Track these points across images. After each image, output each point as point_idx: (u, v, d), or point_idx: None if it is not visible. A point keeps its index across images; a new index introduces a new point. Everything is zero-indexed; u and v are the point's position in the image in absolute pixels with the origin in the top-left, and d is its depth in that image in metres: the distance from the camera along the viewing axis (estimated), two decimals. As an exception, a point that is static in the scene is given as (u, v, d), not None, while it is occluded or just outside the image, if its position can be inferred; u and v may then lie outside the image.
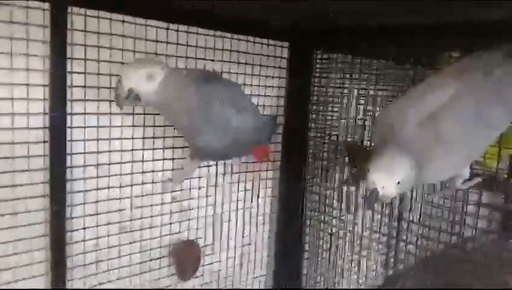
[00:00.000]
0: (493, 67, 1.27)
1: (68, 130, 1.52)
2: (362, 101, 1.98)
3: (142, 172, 1.74)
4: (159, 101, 1.37)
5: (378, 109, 1.92)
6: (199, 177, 1.92)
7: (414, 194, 2.00)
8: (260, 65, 2.00)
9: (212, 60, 1.83)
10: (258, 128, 1.69)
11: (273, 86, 2.07)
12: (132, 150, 1.70)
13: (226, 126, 1.53)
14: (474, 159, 1.44)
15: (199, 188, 1.93)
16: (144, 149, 1.73)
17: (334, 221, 2.09)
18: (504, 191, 1.68)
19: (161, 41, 1.66)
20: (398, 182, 1.26)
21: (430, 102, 1.29)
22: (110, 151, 1.64)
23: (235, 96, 1.58)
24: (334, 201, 2.09)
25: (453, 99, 1.27)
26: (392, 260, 2.33)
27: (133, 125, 1.68)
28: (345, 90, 2.05)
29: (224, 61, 1.87)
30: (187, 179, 1.87)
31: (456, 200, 1.76)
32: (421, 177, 1.34)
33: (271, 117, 1.90)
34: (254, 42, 1.95)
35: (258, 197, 2.13)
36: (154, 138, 1.74)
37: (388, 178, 1.26)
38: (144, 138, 1.72)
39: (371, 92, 1.95)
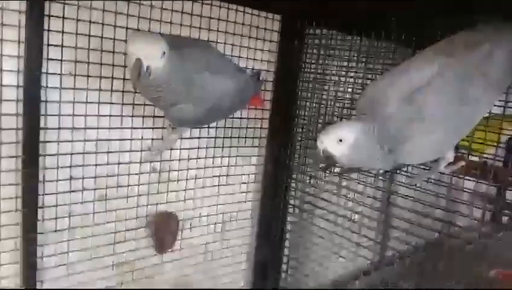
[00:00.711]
0: (480, 43, 1.23)
1: (43, 90, 1.48)
2: (351, 80, 1.94)
3: (120, 139, 1.70)
4: (163, 77, 1.31)
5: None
6: (180, 149, 1.88)
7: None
8: (249, 37, 1.94)
9: (199, 28, 1.78)
10: (240, 90, 1.61)
11: (262, 60, 2.02)
12: (110, 115, 1.65)
13: (202, 93, 1.46)
14: (457, 140, 1.40)
15: (179, 160, 1.89)
16: (122, 116, 1.68)
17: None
18: (495, 180, 1.63)
19: (144, 5, 1.61)
20: (340, 140, 1.30)
21: (414, 79, 1.27)
22: (86, 115, 1.59)
23: (210, 59, 1.50)
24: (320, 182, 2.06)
25: (436, 76, 1.24)
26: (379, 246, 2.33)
27: (112, 90, 1.62)
28: (335, 68, 2.01)
29: (212, 30, 1.81)
30: (167, 150, 1.83)
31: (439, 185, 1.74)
32: (401, 155, 1.32)
33: (253, 73, 1.80)
34: (244, 12, 1.89)
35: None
36: (133, 104, 1.69)
37: (331, 138, 1.32)
38: (123, 104, 1.67)
39: (360, 72, 1.91)
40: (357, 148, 1.31)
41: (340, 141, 1.32)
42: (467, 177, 1.60)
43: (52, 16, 1.44)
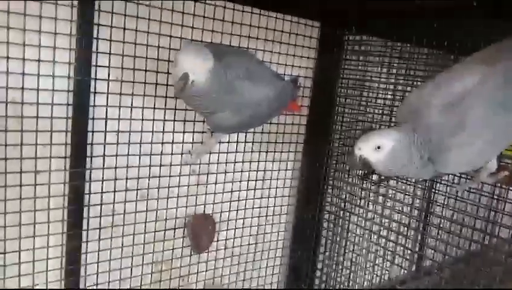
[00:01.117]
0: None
1: (91, 95, 1.55)
2: (391, 87, 1.92)
3: (162, 142, 1.75)
4: (205, 89, 1.35)
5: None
6: (219, 153, 1.92)
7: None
8: (288, 44, 1.96)
9: (239, 36, 1.81)
10: (278, 96, 1.62)
11: (300, 66, 2.04)
12: (153, 120, 1.71)
13: (242, 100, 1.49)
14: (500, 150, 1.37)
15: (218, 163, 1.93)
16: (165, 120, 1.74)
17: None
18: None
19: (187, 13, 1.65)
20: (378, 147, 1.29)
21: (456, 87, 1.25)
22: (131, 119, 1.66)
23: (250, 67, 1.52)
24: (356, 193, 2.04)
25: (479, 84, 1.21)
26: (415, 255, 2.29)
27: (155, 95, 1.68)
28: (375, 75, 1.99)
29: (251, 37, 1.84)
30: (207, 153, 1.87)
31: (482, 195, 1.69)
32: (442, 165, 1.30)
33: (290, 79, 1.79)
34: (283, 19, 1.91)
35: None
36: (175, 109, 1.74)
37: (369, 145, 1.31)
38: (165, 108, 1.72)
39: (401, 79, 1.89)
40: (394, 156, 1.30)
41: (378, 148, 1.31)
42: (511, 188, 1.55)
43: (101, 24, 1.52)
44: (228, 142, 1.93)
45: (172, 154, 1.79)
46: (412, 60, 1.94)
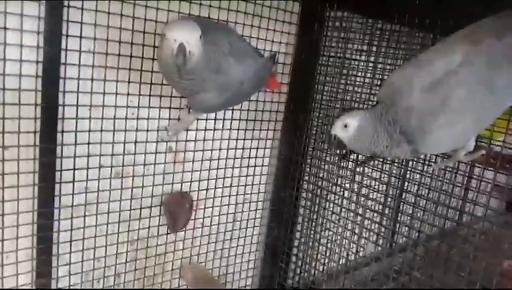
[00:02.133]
0: (508, 29, 1.18)
1: (62, 67, 1.47)
2: (371, 65, 1.90)
3: (137, 118, 1.70)
4: (199, 63, 1.31)
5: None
6: (197, 130, 1.88)
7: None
8: (268, 18, 1.91)
9: (219, 8, 1.76)
10: (259, 74, 1.60)
11: (280, 42, 2.00)
12: (128, 94, 1.65)
13: (226, 79, 1.45)
14: (481, 129, 1.37)
15: (196, 141, 1.89)
16: (140, 95, 1.67)
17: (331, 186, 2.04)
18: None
19: None
20: (345, 126, 1.37)
21: (438, 67, 1.24)
22: (104, 93, 1.59)
23: (232, 43, 1.47)
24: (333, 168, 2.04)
25: (461, 64, 1.20)
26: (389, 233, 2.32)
27: (130, 69, 1.61)
28: (355, 52, 1.97)
29: (232, 10, 1.79)
30: (184, 130, 1.83)
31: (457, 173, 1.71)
32: (422, 146, 1.31)
33: (270, 56, 1.75)
34: None
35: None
36: (151, 83, 1.68)
37: (339, 124, 1.39)
38: (140, 82, 1.66)
39: (381, 57, 1.88)
40: (359, 134, 1.36)
41: (345, 126, 1.38)
42: (488, 168, 1.56)
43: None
44: (206, 119, 1.89)
45: (148, 130, 1.73)
46: (393, 39, 1.92)
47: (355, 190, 1.88)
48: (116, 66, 1.58)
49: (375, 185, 1.93)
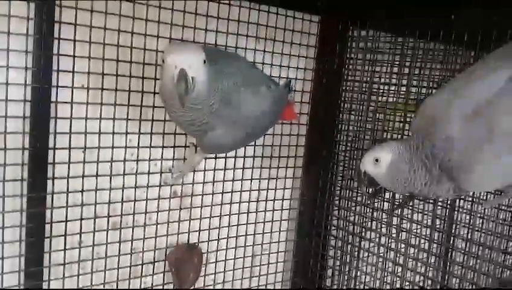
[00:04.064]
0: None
1: (52, 105, 1.53)
2: (404, 89, 1.92)
3: (137, 160, 1.73)
4: (205, 92, 1.33)
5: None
6: (205, 171, 1.90)
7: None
8: (283, 42, 1.97)
9: (226, 34, 1.81)
10: (276, 105, 1.62)
11: (297, 67, 2.04)
12: (126, 133, 1.68)
13: (240, 115, 1.47)
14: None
15: (204, 183, 1.90)
16: (140, 133, 1.71)
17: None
18: None
19: (164, 8, 1.64)
20: (376, 160, 1.41)
21: (479, 91, 1.26)
22: (100, 133, 1.63)
23: (246, 73, 1.51)
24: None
25: (506, 86, 1.22)
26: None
27: (128, 104, 1.66)
28: (384, 75, 2.00)
29: (240, 34, 1.84)
30: (191, 172, 1.85)
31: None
32: (466, 183, 1.31)
33: (285, 83, 1.80)
34: (277, 14, 1.92)
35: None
36: (152, 120, 1.71)
37: (369, 159, 1.42)
38: (140, 119, 1.70)
39: (415, 80, 1.90)
40: (393, 169, 1.38)
41: (377, 161, 1.41)
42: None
43: (63, 22, 1.49)
44: (215, 157, 1.91)
45: (149, 173, 1.76)
46: (426, 58, 1.94)
47: (393, 235, 1.86)
48: (113, 102, 1.63)
49: (416, 229, 1.90)
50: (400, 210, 1.86)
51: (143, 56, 1.64)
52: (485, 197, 1.80)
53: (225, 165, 1.94)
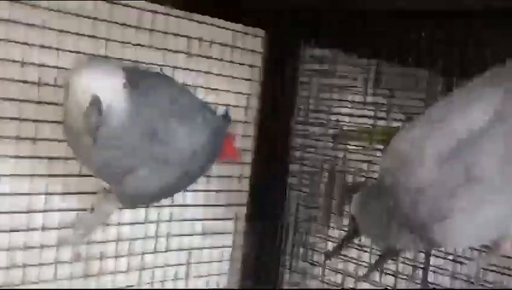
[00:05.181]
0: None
1: None
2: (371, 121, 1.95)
3: (28, 211, 1.59)
4: (125, 123, 1.27)
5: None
6: (119, 225, 1.79)
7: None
8: (221, 60, 1.94)
9: (149, 47, 1.76)
10: (213, 140, 1.59)
11: (239, 92, 2.02)
12: (13, 174, 1.56)
13: (168, 150, 1.43)
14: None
15: (118, 242, 1.79)
16: (32, 175, 1.59)
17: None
18: None
19: (72, 14, 1.57)
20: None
21: (459, 127, 1.26)
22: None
23: (175, 98, 1.48)
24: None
25: (492, 122, 1.23)
26: None
27: (18, 138, 1.53)
28: (345, 104, 2.03)
29: (169, 50, 1.80)
30: (100, 226, 1.70)
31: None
32: (441, 235, 1.30)
33: (222, 112, 1.77)
34: (213, 25, 1.89)
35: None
36: (49, 157, 1.60)
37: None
38: (32, 156, 1.57)
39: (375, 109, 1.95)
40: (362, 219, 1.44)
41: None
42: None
43: None
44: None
45: (43, 229, 1.63)
46: (389, 83, 1.97)
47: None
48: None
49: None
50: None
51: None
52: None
53: (145, 215, 1.86)
